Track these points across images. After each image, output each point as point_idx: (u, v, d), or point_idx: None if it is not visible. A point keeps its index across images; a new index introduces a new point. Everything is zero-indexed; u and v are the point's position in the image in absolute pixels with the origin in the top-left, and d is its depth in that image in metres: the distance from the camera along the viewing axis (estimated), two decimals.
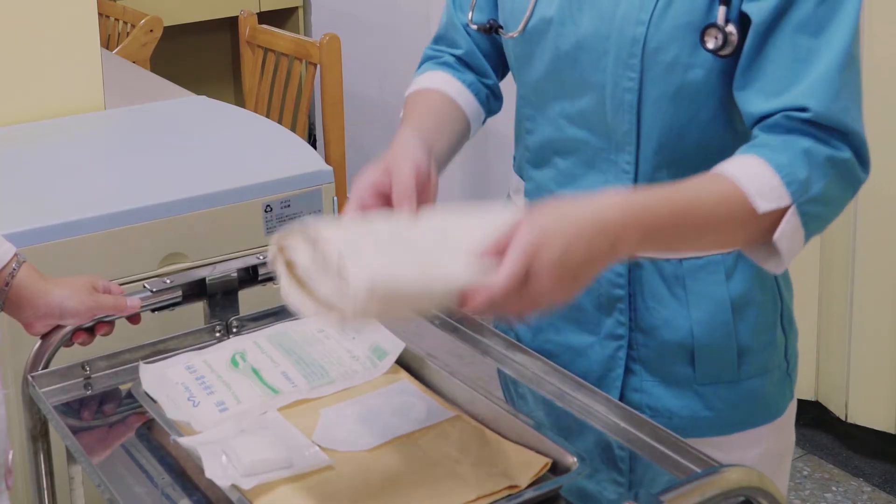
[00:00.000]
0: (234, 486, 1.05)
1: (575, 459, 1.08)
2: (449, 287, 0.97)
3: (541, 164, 1.32)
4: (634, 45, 1.16)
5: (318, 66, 2.91)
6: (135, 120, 2.37)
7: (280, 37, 3.07)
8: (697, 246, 1.16)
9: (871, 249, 2.55)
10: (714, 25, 1.13)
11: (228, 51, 4.75)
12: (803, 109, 1.10)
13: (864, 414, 2.66)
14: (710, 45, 1.13)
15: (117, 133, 2.34)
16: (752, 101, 1.14)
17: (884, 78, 2.45)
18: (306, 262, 0.99)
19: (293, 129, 2.99)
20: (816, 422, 2.83)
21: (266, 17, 4.08)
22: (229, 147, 2.19)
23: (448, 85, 1.37)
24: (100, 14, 2.86)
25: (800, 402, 2.87)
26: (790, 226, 1.09)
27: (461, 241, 0.99)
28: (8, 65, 2.26)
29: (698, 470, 1.09)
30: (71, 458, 1.28)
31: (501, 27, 1.31)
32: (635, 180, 1.22)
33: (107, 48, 3.35)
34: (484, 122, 1.41)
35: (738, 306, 1.26)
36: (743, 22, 1.13)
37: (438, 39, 1.41)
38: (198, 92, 2.59)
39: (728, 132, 1.20)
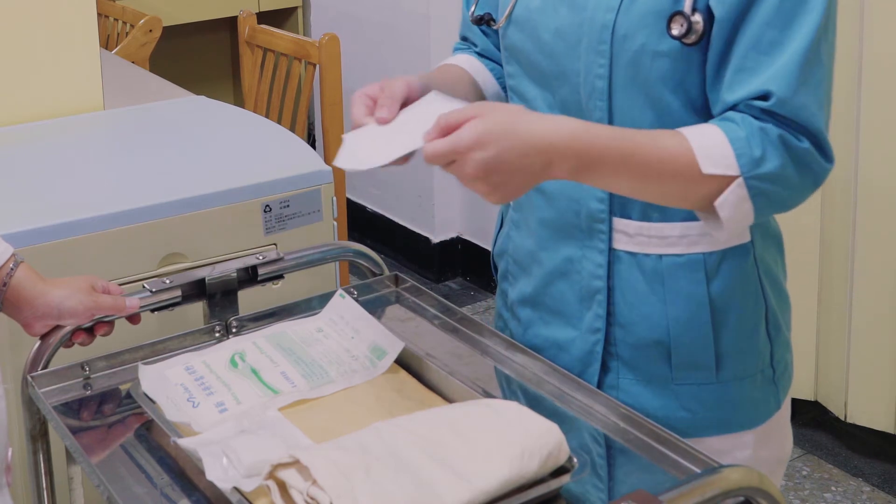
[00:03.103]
0: (236, 489, 1.05)
1: (575, 459, 1.08)
2: None
3: None
4: (604, 31, 1.19)
5: (318, 66, 2.90)
6: (134, 120, 2.37)
7: (279, 37, 3.07)
8: (639, 192, 1.19)
9: (871, 248, 2.55)
10: (680, 13, 1.15)
11: (228, 51, 4.74)
12: (763, 98, 1.14)
13: (863, 414, 2.66)
14: (675, 31, 1.16)
15: (116, 133, 2.34)
16: (719, 94, 1.17)
17: (882, 75, 2.44)
18: (299, 485, 1.01)
19: (292, 129, 2.98)
20: (816, 422, 2.83)
21: (265, 17, 4.08)
22: (228, 147, 2.19)
23: (469, 64, 1.43)
24: (99, 14, 2.86)
25: (799, 401, 2.87)
26: (734, 196, 1.14)
27: (456, 453, 1.04)
28: (7, 65, 2.26)
29: (698, 470, 1.09)
30: (70, 458, 1.28)
31: (493, 20, 1.35)
32: None
33: (106, 48, 3.35)
34: None
35: (717, 307, 1.26)
36: (711, 14, 1.16)
37: (461, 36, 1.47)
38: (197, 92, 2.59)
39: (699, 117, 1.21)
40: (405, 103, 1.21)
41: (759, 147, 1.13)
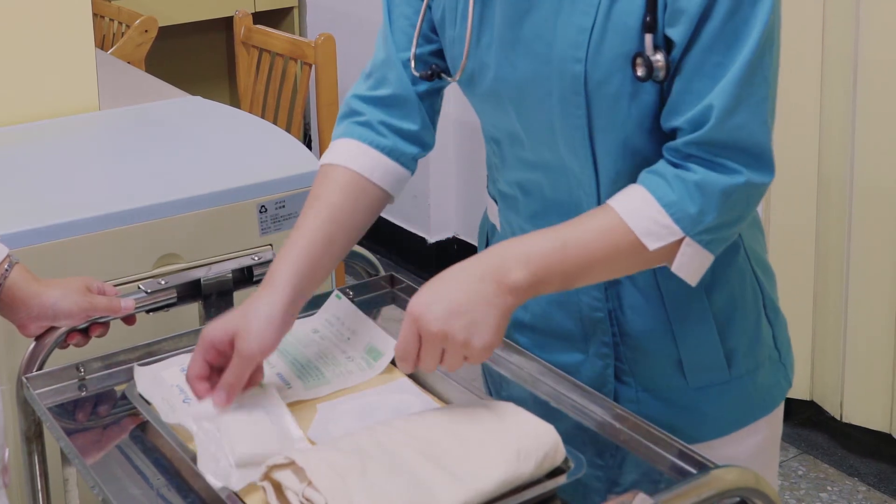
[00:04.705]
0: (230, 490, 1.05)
1: (571, 460, 1.08)
2: None
3: (507, 199, 1.33)
4: (576, 82, 1.16)
5: (314, 66, 2.90)
6: (129, 121, 2.36)
7: (275, 37, 3.07)
8: (596, 279, 1.18)
9: (866, 247, 2.55)
10: (640, 54, 1.13)
11: (223, 51, 4.74)
12: (699, 128, 1.11)
13: (859, 413, 2.66)
14: (640, 72, 1.13)
15: (112, 134, 2.34)
16: (664, 119, 1.15)
17: (877, 75, 2.45)
18: (294, 486, 1.01)
19: (288, 129, 2.99)
20: (811, 421, 2.83)
21: (261, 18, 4.08)
22: (224, 148, 2.19)
23: (360, 159, 1.31)
24: (94, 14, 2.86)
25: (795, 401, 2.87)
26: (687, 256, 1.14)
27: (452, 454, 1.04)
28: (1, 65, 2.26)
29: (694, 470, 1.09)
30: (65, 459, 1.28)
31: (443, 72, 1.30)
32: None
33: (101, 48, 3.34)
34: (413, 172, 1.36)
35: (719, 309, 1.26)
36: (670, 47, 1.13)
37: (367, 76, 1.36)
38: (193, 92, 2.59)
39: None
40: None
41: (694, 204, 1.12)
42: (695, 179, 1.12)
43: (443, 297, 1.09)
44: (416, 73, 1.30)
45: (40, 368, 1.31)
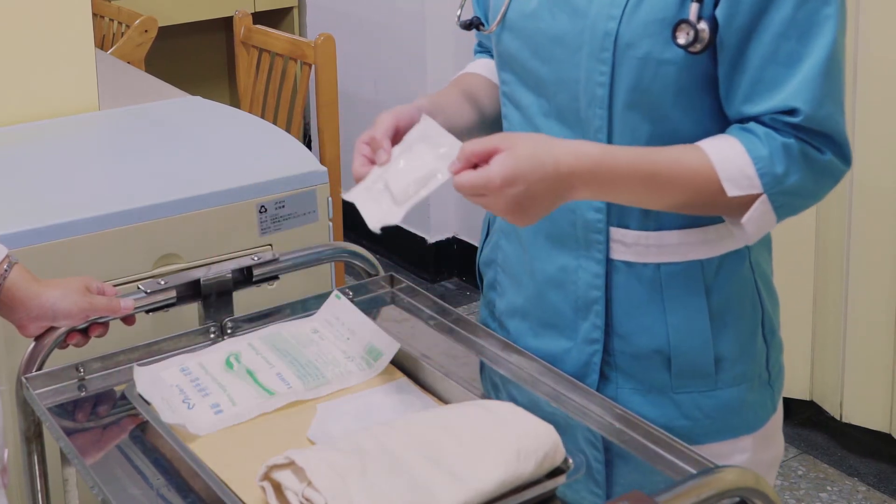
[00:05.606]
0: (227, 486, 1.05)
1: (570, 460, 1.08)
2: None
3: None
4: (606, 39, 1.19)
5: (313, 66, 2.90)
6: (129, 121, 2.36)
7: (275, 37, 3.07)
8: (660, 208, 1.21)
9: (866, 248, 2.55)
10: (686, 21, 1.15)
11: (223, 51, 4.74)
12: (790, 113, 1.14)
13: (858, 413, 2.66)
14: (681, 40, 1.16)
15: (112, 134, 2.34)
16: (738, 106, 1.18)
17: (878, 77, 2.45)
18: (294, 486, 1.01)
19: (288, 129, 2.98)
20: (811, 421, 2.83)
21: (261, 18, 4.08)
22: (224, 148, 2.19)
23: (489, 70, 1.43)
24: (94, 14, 2.85)
25: (794, 401, 2.87)
26: (759, 212, 1.16)
27: (452, 454, 1.04)
28: (1, 65, 2.26)
29: (694, 471, 1.09)
30: (65, 459, 1.28)
31: (483, 24, 1.34)
32: None
33: (101, 48, 3.34)
34: None
35: (716, 313, 1.26)
36: (716, 22, 1.16)
37: (478, 42, 1.49)
38: (192, 92, 2.59)
39: (699, 127, 1.21)
40: (398, 132, 1.24)
41: (781, 164, 1.15)
42: (783, 141, 1.15)
43: (527, 183, 1.11)
44: (458, 24, 1.38)
45: (40, 369, 1.31)
